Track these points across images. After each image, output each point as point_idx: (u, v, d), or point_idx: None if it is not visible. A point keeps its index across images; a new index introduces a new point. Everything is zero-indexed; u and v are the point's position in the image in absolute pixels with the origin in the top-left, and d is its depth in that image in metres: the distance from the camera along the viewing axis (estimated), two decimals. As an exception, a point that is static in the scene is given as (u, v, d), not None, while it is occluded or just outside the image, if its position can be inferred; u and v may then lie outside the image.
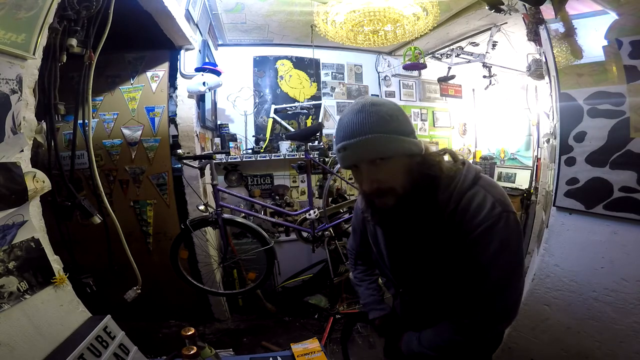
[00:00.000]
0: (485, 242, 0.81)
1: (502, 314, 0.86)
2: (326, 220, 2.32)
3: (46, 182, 1.01)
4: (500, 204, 0.81)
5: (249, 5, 2.56)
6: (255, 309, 2.87)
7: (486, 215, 0.80)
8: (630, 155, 1.30)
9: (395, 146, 0.79)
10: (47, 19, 0.97)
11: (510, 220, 0.81)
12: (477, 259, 0.83)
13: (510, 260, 0.83)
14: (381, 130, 0.78)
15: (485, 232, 0.80)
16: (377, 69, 3.86)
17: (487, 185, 0.86)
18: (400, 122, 0.81)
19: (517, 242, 0.83)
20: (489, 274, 0.82)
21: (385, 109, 0.80)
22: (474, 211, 0.81)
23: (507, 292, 0.84)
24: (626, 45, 1.28)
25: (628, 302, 1.36)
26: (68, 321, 1.02)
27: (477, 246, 0.82)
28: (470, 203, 0.82)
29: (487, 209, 0.80)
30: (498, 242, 0.80)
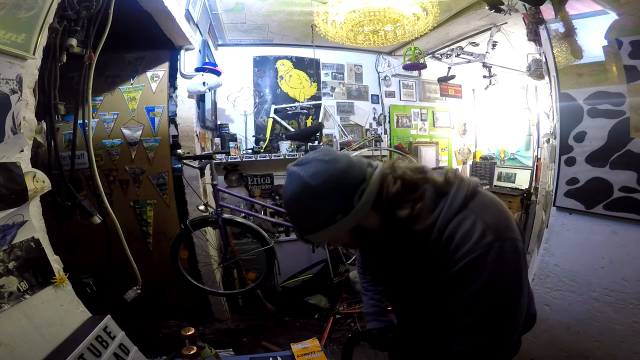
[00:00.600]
0: (469, 277, 0.71)
1: (488, 347, 0.75)
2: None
3: (46, 182, 1.01)
4: (493, 231, 0.70)
5: (249, 5, 2.56)
6: (255, 309, 2.87)
7: (473, 245, 0.70)
8: (630, 155, 1.30)
9: (325, 236, 0.77)
10: (47, 19, 0.97)
11: (505, 250, 0.70)
12: (459, 295, 0.74)
13: (499, 298, 0.71)
14: (307, 232, 0.77)
15: (469, 265, 0.70)
16: (377, 69, 3.86)
17: (480, 207, 0.75)
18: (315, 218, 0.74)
19: (510, 277, 0.72)
20: (470, 311, 0.73)
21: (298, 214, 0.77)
22: (459, 241, 0.71)
23: (491, 330, 0.74)
24: (626, 45, 1.28)
25: (628, 302, 1.36)
26: (68, 321, 1.02)
27: (460, 281, 0.72)
28: (456, 231, 0.72)
29: (475, 238, 0.70)
30: (484, 278, 0.70)
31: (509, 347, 0.78)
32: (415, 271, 0.83)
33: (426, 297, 0.85)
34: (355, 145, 3.44)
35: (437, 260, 0.75)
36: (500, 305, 0.72)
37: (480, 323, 0.73)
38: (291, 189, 0.74)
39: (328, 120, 3.63)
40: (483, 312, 0.72)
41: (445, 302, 0.78)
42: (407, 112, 4.02)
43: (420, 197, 0.76)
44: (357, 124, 3.78)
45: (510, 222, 0.75)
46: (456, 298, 0.75)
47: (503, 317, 0.73)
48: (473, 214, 0.73)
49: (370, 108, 3.85)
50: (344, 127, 3.68)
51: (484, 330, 0.74)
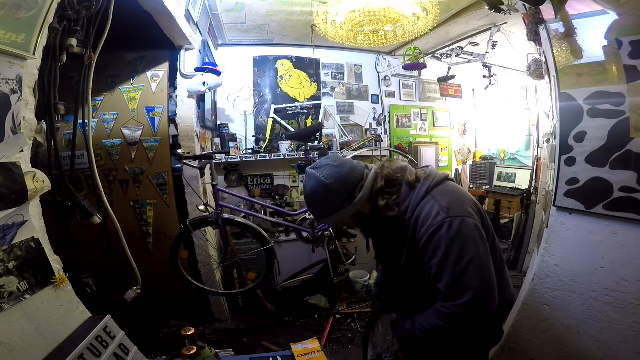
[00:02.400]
0: (432, 248, 0.93)
1: (470, 310, 0.91)
2: (326, 220, 2.32)
3: (46, 182, 1.01)
4: (445, 211, 0.92)
5: (249, 5, 2.56)
6: (255, 309, 2.87)
7: (430, 223, 0.93)
8: (630, 155, 1.30)
9: (333, 220, 1.08)
10: (47, 19, 0.97)
11: (453, 225, 0.91)
12: (429, 264, 0.95)
13: (458, 263, 0.90)
14: (320, 216, 1.09)
15: (429, 238, 0.93)
16: (377, 69, 3.86)
17: (439, 194, 0.98)
18: (327, 206, 1.03)
19: (463, 247, 0.90)
20: (442, 276, 0.93)
21: (314, 203, 1.05)
22: (422, 221, 0.95)
23: (466, 290, 0.90)
24: (626, 45, 1.28)
25: (628, 302, 1.36)
26: (68, 321, 1.02)
27: (427, 252, 0.95)
28: (420, 213, 0.96)
29: (432, 217, 0.93)
30: (444, 247, 0.91)
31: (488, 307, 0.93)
32: (397, 248, 1.06)
33: (408, 270, 1.05)
34: (355, 145, 3.44)
35: (410, 238, 1.00)
36: (462, 268, 0.90)
37: (453, 286, 0.92)
38: (311, 186, 1.04)
39: (328, 120, 3.63)
40: (451, 275, 0.91)
41: (423, 273, 0.99)
42: (407, 112, 4.02)
43: (397, 191, 1.03)
44: (357, 124, 3.78)
45: (463, 204, 0.97)
46: (428, 268, 0.96)
47: (470, 279, 0.90)
48: (433, 199, 0.97)
49: (370, 108, 3.85)
50: (344, 127, 3.68)
51: (459, 291, 0.91)
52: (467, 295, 0.90)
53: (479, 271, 0.91)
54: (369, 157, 3.78)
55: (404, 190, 1.02)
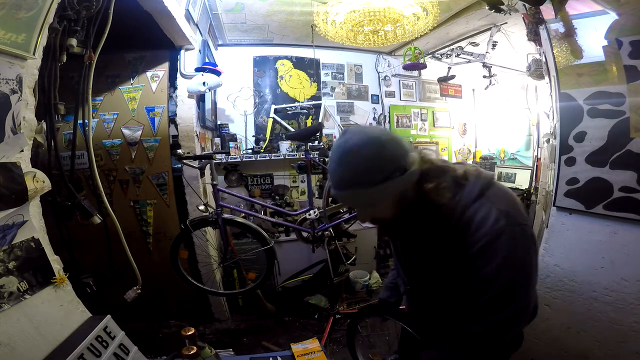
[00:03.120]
0: (487, 256, 0.80)
1: (509, 323, 0.84)
2: (326, 220, 2.32)
3: (46, 182, 1.01)
4: (505, 217, 0.79)
5: (249, 5, 2.56)
6: (255, 309, 2.87)
7: (489, 229, 0.79)
8: (630, 155, 1.30)
9: (376, 196, 0.81)
10: (47, 19, 0.97)
11: (516, 234, 0.79)
12: (479, 273, 0.82)
13: (513, 275, 0.80)
14: (359, 184, 0.80)
15: (486, 246, 0.79)
16: (377, 69, 3.86)
17: (495, 196, 0.84)
18: (378, 169, 0.79)
19: (522, 258, 0.80)
20: (491, 288, 0.81)
21: (361, 160, 0.79)
22: (477, 224, 0.80)
23: (511, 304, 0.82)
24: (626, 45, 1.28)
25: (628, 302, 1.36)
26: (68, 321, 1.02)
27: (479, 260, 0.81)
28: (474, 216, 0.81)
29: (490, 222, 0.79)
30: (501, 257, 0.79)
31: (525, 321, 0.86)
32: (436, 251, 0.90)
33: (444, 278, 0.91)
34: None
35: (456, 241, 0.84)
36: (515, 280, 0.80)
37: (500, 298, 0.81)
38: (358, 139, 0.79)
39: (328, 120, 3.63)
40: (502, 287, 0.80)
41: (462, 282, 0.86)
42: (407, 112, 4.02)
43: (443, 180, 0.85)
44: (357, 124, 3.78)
45: (520, 210, 0.85)
46: (475, 277, 0.83)
47: (519, 292, 0.81)
48: (489, 202, 0.82)
49: (370, 108, 3.85)
50: (344, 127, 3.68)
51: (504, 305, 0.81)
52: (509, 310, 0.82)
53: (530, 286, 0.84)
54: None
55: (450, 184, 0.85)
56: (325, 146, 3.27)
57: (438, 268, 0.92)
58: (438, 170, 0.87)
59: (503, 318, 0.82)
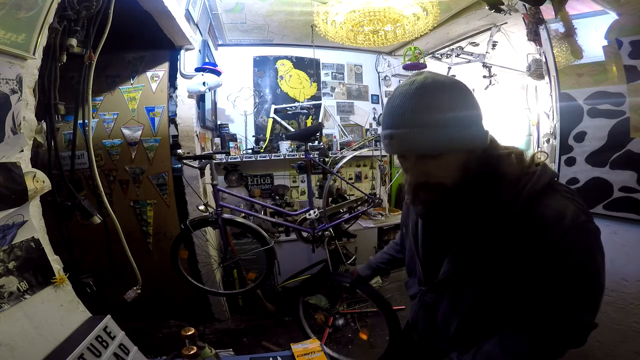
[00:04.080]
0: (572, 251, 0.67)
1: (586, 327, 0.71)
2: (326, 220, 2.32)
3: (46, 182, 1.01)
4: (585, 213, 0.69)
5: (249, 5, 2.56)
6: (255, 309, 2.87)
7: (571, 224, 0.66)
8: (630, 155, 1.30)
9: (447, 143, 0.67)
10: (47, 19, 0.97)
11: (597, 231, 0.70)
12: (557, 270, 0.68)
13: (595, 271, 0.69)
14: (433, 124, 0.66)
15: (572, 241, 0.66)
16: (377, 69, 3.86)
17: (568, 191, 0.73)
18: (460, 111, 0.67)
19: (602, 259, 0.70)
20: (572, 285, 0.68)
21: (443, 96, 0.67)
22: (556, 218, 0.67)
23: (593, 303, 0.71)
24: (626, 45, 1.28)
25: (628, 302, 1.36)
26: (68, 321, 1.02)
27: (562, 256, 0.67)
28: (547, 208, 0.68)
29: (569, 216, 0.67)
30: (586, 251, 0.67)
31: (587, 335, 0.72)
32: (479, 244, 0.74)
33: (481, 274, 0.76)
34: (355, 145, 3.44)
35: (517, 234, 0.69)
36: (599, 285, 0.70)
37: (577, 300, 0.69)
38: (437, 75, 0.69)
39: (328, 120, 3.63)
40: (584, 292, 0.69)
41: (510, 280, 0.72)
42: (407, 112, 4.01)
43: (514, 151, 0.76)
44: (357, 124, 3.78)
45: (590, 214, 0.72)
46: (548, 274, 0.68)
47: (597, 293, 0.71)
48: (562, 195, 0.70)
49: (370, 108, 3.85)
50: (344, 127, 3.68)
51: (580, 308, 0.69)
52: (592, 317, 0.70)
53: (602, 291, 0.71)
54: (369, 157, 3.78)
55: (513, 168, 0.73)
56: (325, 146, 3.27)
57: (473, 263, 0.76)
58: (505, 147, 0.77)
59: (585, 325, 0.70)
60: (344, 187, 3.41)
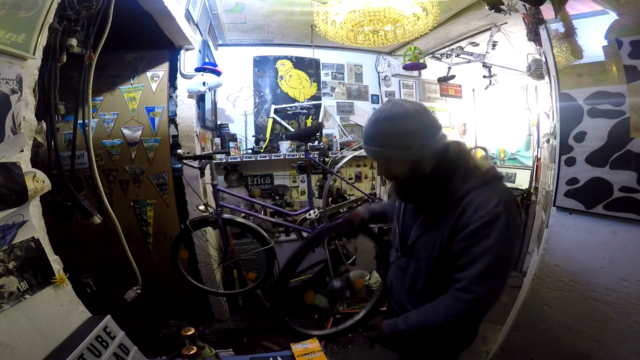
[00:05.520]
0: (482, 234, 0.89)
1: (484, 301, 0.92)
2: (326, 220, 2.33)
3: (46, 182, 1.01)
4: (505, 205, 0.90)
5: (249, 5, 2.56)
6: (255, 308, 2.87)
7: (489, 210, 0.89)
8: (630, 155, 1.30)
9: (402, 156, 0.96)
10: (47, 19, 0.97)
11: (511, 222, 0.89)
12: (471, 248, 0.90)
13: (500, 258, 0.89)
14: (384, 146, 0.96)
15: (484, 224, 0.89)
16: (377, 69, 3.86)
17: (499, 189, 0.96)
18: (405, 139, 0.93)
19: (511, 245, 0.92)
20: (475, 264, 0.89)
21: (394, 128, 0.93)
22: (480, 204, 0.91)
23: (492, 281, 0.91)
24: (626, 45, 1.28)
25: (628, 302, 1.36)
26: (68, 321, 1.02)
27: (474, 237, 0.90)
28: (476, 198, 0.92)
29: (491, 204, 0.89)
30: (494, 238, 0.88)
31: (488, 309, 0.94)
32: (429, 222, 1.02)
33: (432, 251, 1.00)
34: (355, 145, 3.44)
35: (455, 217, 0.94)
36: (499, 264, 0.90)
37: (481, 277, 0.89)
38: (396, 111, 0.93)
39: (328, 120, 3.63)
40: (485, 267, 0.89)
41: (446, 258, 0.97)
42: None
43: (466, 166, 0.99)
44: (357, 124, 3.78)
45: (516, 205, 0.96)
46: (465, 253, 0.92)
47: (497, 275, 0.92)
48: (492, 190, 0.94)
49: (370, 108, 3.85)
50: (344, 127, 3.68)
51: (482, 284, 0.90)
52: (485, 289, 0.90)
53: (506, 273, 0.94)
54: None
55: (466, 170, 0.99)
56: (325, 146, 3.27)
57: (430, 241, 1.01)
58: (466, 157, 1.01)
59: (478, 297, 0.90)
60: (344, 187, 3.41)
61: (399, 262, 1.18)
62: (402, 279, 1.15)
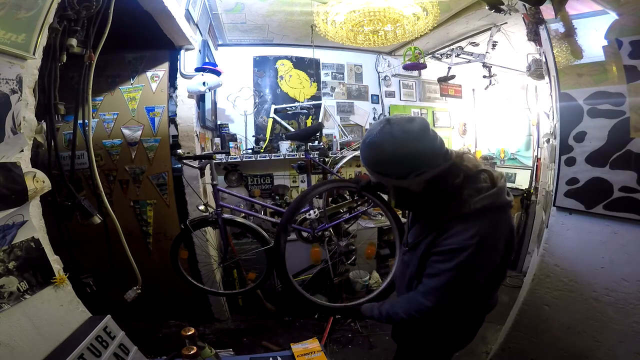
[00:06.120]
0: (447, 257, 0.96)
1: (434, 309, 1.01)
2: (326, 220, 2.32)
3: (46, 182, 1.01)
4: (479, 237, 0.92)
5: (249, 5, 2.56)
6: (255, 309, 2.87)
7: (461, 239, 0.94)
8: (630, 155, 1.30)
9: (385, 180, 1.00)
10: (47, 19, 0.97)
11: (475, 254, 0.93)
12: (436, 264, 1.00)
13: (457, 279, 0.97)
14: (377, 171, 0.99)
15: (451, 250, 0.95)
16: (377, 69, 3.86)
17: (488, 219, 0.95)
18: (395, 166, 0.94)
19: (471, 274, 0.97)
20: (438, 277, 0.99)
21: (384, 154, 0.93)
22: (457, 230, 0.95)
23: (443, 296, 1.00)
24: (626, 45, 1.28)
25: (628, 302, 1.36)
26: (68, 321, 1.02)
27: (441, 256, 0.99)
28: (455, 226, 0.96)
29: (466, 235, 0.93)
30: (455, 263, 0.94)
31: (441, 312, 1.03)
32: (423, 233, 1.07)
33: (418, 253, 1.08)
34: (355, 145, 3.44)
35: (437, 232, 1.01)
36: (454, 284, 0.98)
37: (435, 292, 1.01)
38: (387, 136, 0.92)
39: (328, 120, 3.63)
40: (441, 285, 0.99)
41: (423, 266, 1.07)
42: (407, 112, 4.02)
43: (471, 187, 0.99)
44: (357, 124, 3.78)
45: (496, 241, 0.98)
46: (431, 266, 1.02)
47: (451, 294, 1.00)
48: (479, 220, 0.94)
49: (370, 108, 3.85)
50: (344, 127, 3.68)
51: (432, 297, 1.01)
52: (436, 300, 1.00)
53: (457, 295, 1.00)
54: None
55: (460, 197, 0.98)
56: (325, 146, 3.27)
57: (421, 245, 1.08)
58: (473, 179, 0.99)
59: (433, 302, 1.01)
60: (344, 187, 3.40)
61: (404, 256, 1.22)
62: (404, 273, 1.21)
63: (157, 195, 2.58)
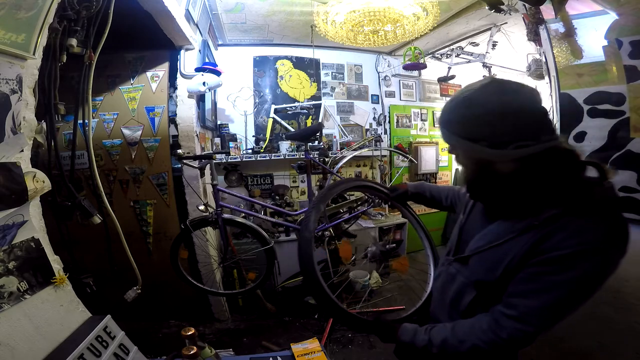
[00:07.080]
0: (568, 264, 0.69)
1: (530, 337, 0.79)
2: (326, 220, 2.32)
3: (46, 182, 1.01)
4: (612, 242, 0.70)
5: (249, 5, 2.57)
6: (255, 309, 2.87)
7: (589, 240, 0.68)
8: (630, 155, 1.30)
9: (457, 145, 0.80)
10: (47, 19, 0.97)
11: (607, 264, 0.70)
12: (545, 276, 0.71)
13: (577, 296, 0.71)
14: (466, 134, 0.76)
15: (575, 254, 0.68)
16: (377, 69, 3.86)
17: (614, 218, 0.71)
18: (495, 130, 0.72)
19: (590, 288, 0.71)
20: (547, 294, 0.72)
21: (484, 112, 0.73)
22: (578, 229, 0.69)
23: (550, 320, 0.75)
24: (626, 45, 1.28)
25: (628, 302, 1.36)
26: (68, 321, 1.02)
27: (555, 264, 0.70)
28: (572, 222, 0.70)
29: (594, 235, 0.68)
30: (582, 272, 0.69)
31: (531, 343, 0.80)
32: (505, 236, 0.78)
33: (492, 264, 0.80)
34: (355, 145, 3.44)
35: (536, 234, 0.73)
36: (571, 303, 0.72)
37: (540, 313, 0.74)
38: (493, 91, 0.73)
39: (328, 120, 3.63)
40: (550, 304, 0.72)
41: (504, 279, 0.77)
42: (407, 112, 4.02)
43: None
44: (357, 124, 3.78)
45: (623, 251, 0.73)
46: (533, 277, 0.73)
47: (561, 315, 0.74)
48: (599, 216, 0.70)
49: (370, 108, 3.85)
50: (344, 127, 3.68)
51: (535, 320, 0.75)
52: (538, 325, 0.75)
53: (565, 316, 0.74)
54: (369, 157, 3.78)
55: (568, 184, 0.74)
56: (325, 146, 3.27)
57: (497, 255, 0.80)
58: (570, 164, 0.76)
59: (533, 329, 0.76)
60: (344, 187, 3.40)
61: (450, 266, 0.96)
62: (446, 288, 0.95)
63: (157, 195, 2.58)
